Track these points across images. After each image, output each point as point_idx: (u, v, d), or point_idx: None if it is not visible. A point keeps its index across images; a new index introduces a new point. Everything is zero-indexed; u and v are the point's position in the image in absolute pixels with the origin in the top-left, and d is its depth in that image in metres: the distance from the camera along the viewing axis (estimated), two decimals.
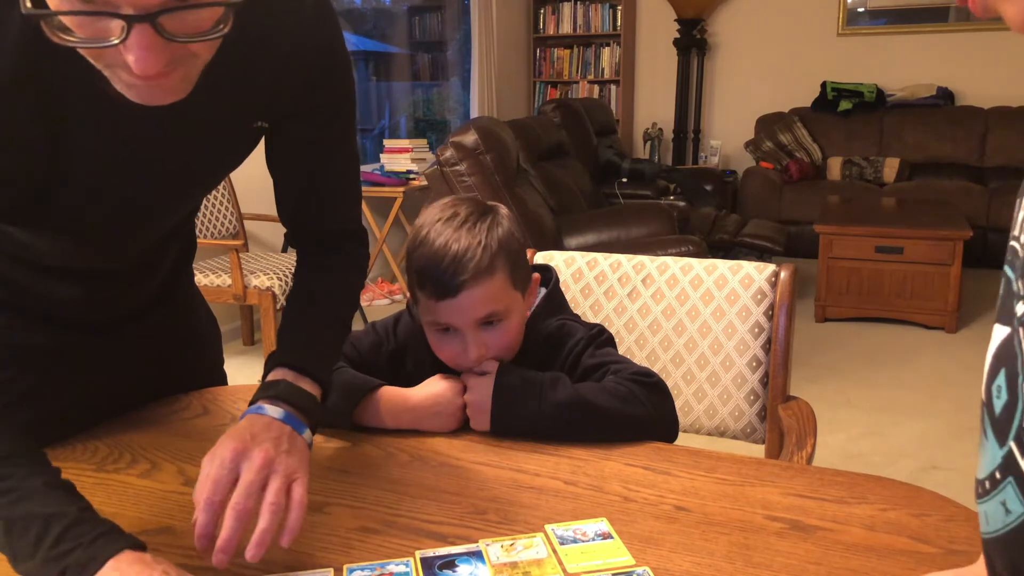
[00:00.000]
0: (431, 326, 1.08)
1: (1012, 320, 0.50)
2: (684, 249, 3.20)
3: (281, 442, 0.81)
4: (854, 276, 4.17)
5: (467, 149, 3.25)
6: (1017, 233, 0.51)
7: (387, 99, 6.16)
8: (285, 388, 0.87)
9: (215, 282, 3.35)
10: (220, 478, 0.76)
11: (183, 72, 0.69)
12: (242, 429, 0.81)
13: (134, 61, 0.62)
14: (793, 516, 0.85)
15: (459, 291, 1.01)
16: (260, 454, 0.78)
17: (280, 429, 0.82)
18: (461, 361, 1.07)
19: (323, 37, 0.92)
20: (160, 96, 0.69)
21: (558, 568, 0.77)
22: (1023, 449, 0.48)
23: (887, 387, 3.38)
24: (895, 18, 5.80)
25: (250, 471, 0.77)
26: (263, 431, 0.81)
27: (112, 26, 0.61)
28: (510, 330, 1.07)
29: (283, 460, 0.79)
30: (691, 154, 6.33)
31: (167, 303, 1.15)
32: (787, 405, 1.32)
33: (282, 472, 0.78)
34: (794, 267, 1.37)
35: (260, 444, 0.79)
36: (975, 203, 5.07)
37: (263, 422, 0.82)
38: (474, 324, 1.04)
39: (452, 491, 0.92)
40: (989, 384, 0.52)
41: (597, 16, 6.35)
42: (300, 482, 0.79)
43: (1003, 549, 0.52)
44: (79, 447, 1.04)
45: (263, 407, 0.85)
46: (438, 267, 1.02)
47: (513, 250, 1.06)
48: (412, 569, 0.77)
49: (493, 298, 1.03)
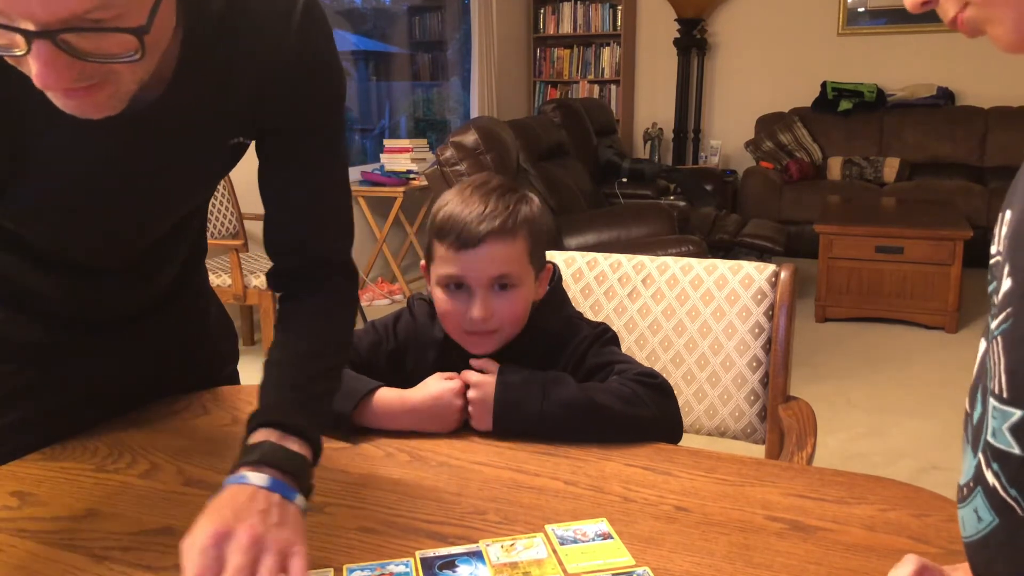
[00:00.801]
0: (443, 283, 1.08)
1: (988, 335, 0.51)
2: (684, 249, 3.20)
3: (270, 514, 0.73)
4: (854, 276, 4.17)
5: (467, 149, 3.25)
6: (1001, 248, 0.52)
7: (387, 99, 6.16)
8: (269, 451, 0.79)
9: (215, 282, 3.35)
10: (204, 569, 0.67)
11: (112, 89, 0.69)
12: (222, 505, 0.73)
13: (35, 75, 0.63)
14: (793, 516, 0.85)
15: (481, 242, 1.04)
16: (246, 532, 0.70)
17: (267, 499, 0.74)
18: (464, 323, 1.07)
19: (308, 54, 0.89)
20: (88, 111, 0.69)
21: (558, 568, 0.77)
22: (988, 461, 0.49)
23: (887, 387, 3.38)
24: (895, 18, 5.80)
25: (238, 553, 0.69)
26: (247, 504, 0.73)
27: (17, 39, 0.62)
28: (518, 301, 1.08)
29: (274, 534, 0.71)
30: (691, 154, 6.33)
31: (173, 304, 1.14)
32: (787, 405, 1.32)
33: (274, 548, 0.70)
34: (794, 267, 1.37)
35: (245, 521, 0.71)
36: (975, 203, 5.07)
37: (247, 493, 0.74)
38: (487, 282, 1.06)
39: (452, 491, 0.92)
40: (972, 395, 0.53)
41: (597, 16, 6.35)
42: (299, 555, 0.71)
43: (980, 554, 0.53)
44: (79, 447, 1.04)
45: (245, 476, 0.76)
46: (464, 217, 1.05)
47: (537, 229, 1.09)
48: (412, 569, 0.77)
49: (511, 259, 1.06)
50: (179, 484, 0.95)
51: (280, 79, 0.88)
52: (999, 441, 0.48)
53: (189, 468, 0.99)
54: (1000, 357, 0.48)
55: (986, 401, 0.50)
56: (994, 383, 0.48)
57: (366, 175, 4.74)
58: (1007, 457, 0.47)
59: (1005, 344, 0.47)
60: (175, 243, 1.09)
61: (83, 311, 1.05)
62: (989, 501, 0.50)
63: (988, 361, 0.50)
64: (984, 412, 0.50)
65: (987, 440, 0.49)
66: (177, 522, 0.86)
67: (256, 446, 0.79)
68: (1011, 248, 0.49)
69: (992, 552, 0.51)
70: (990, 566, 0.52)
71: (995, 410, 0.48)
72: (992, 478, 0.49)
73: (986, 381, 0.50)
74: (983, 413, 0.50)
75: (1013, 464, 0.47)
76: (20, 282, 0.99)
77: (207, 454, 1.03)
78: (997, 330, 0.49)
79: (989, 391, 0.49)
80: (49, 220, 0.90)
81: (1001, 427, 0.47)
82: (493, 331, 1.08)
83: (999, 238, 0.53)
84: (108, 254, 1.00)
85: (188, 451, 1.03)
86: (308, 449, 0.83)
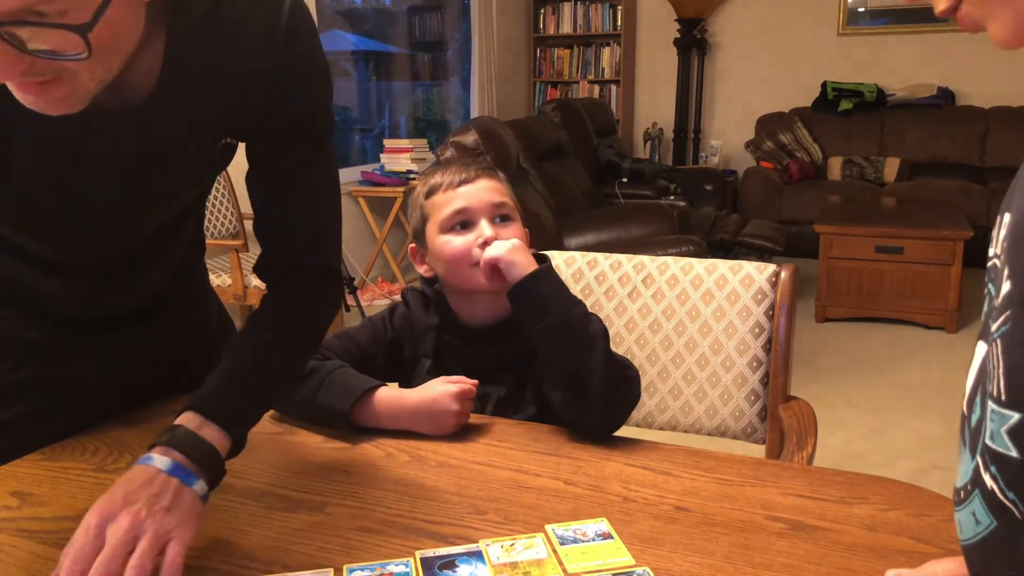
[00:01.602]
0: (447, 226, 1.14)
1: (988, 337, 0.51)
2: (684, 249, 3.20)
3: (160, 498, 0.74)
4: (854, 276, 4.17)
5: (467, 149, 3.26)
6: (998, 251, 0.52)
7: (387, 99, 6.15)
8: (181, 436, 0.80)
9: (215, 282, 3.35)
10: (83, 546, 0.70)
11: (68, 88, 0.69)
12: (119, 485, 0.75)
13: None
14: (793, 516, 0.85)
15: (476, 178, 1.15)
16: (127, 517, 0.72)
17: (164, 483, 0.76)
18: (475, 249, 1.11)
19: (293, 59, 0.89)
20: (44, 107, 0.69)
21: (558, 568, 0.77)
22: (986, 464, 0.49)
23: (887, 387, 3.38)
24: (895, 18, 5.80)
25: (115, 535, 0.71)
26: (142, 487, 0.75)
27: None
28: (519, 230, 1.15)
29: (157, 519, 0.73)
30: (691, 154, 6.33)
31: (171, 304, 1.14)
32: (787, 405, 1.32)
33: (152, 532, 0.72)
34: (794, 267, 1.37)
35: (130, 505, 0.73)
36: (975, 203, 5.07)
37: (147, 475, 0.76)
38: (489, 211, 1.13)
39: (452, 491, 0.92)
40: (970, 398, 0.53)
41: (597, 16, 6.35)
42: (177, 541, 0.73)
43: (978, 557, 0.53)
44: (79, 447, 1.04)
45: (151, 457, 0.78)
46: (460, 165, 1.17)
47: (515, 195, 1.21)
48: (412, 569, 0.77)
49: (504, 192, 1.17)
50: None
51: (265, 83, 0.88)
52: (997, 444, 0.48)
53: None
54: (999, 360, 0.48)
55: (985, 404, 0.50)
56: (993, 386, 0.48)
57: (366, 175, 4.74)
58: (1005, 460, 0.47)
59: (1005, 347, 0.47)
60: (170, 242, 1.09)
61: (79, 310, 1.05)
62: (987, 504, 0.50)
63: (987, 364, 0.50)
64: (983, 415, 0.50)
65: (985, 443, 0.49)
66: None
67: (171, 428, 0.82)
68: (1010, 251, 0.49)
69: (990, 555, 0.51)
70: (988, 569, 0.52)
71: (993, 413, 0.48)
72: (990, 481, 0.49)
73: (985, 384, 0.50)
74: (982, 416, 0.50)
75: (1011, 467, 0.47)
76: (15, 279, 0.99)
77: None
78: (996, 332, 0.48)
79: (988, 394, 0.49)
80: (36, 218, 0.90)
81: (999, 430, 0.47)
82: None
83: (997, 241, 0.53)
84: (98, 252, 1.00)
85: None
86: (225, 439, 0.84)
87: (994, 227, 0.55)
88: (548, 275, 1.09)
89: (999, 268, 0.51)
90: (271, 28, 0.87)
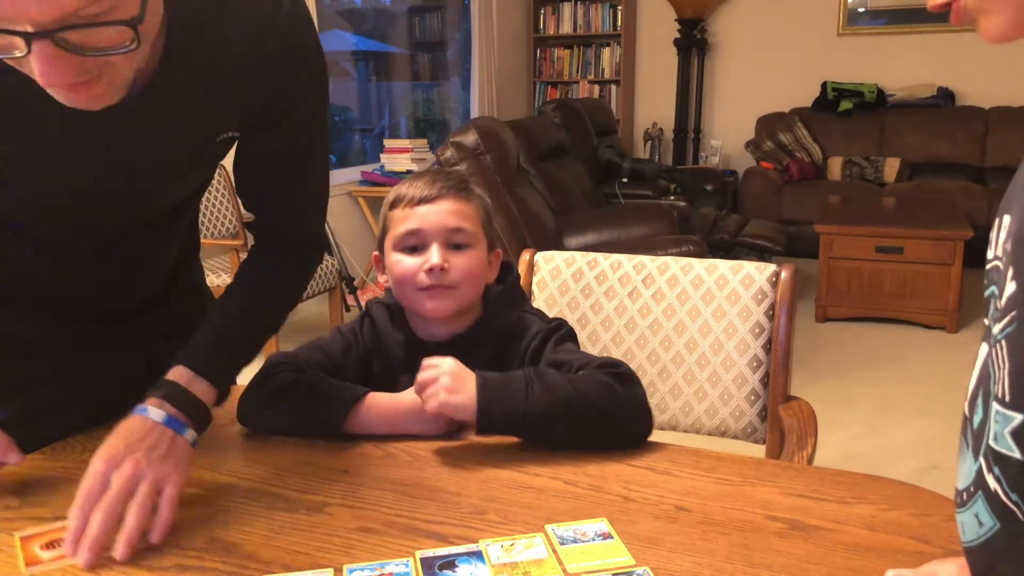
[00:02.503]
0: (399, 245, 1.10)
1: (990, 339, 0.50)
2: (684, 249, 3.20)
3: (157, 447, 0.84)
4: (854, 276, 4.17)
5: (467, 149, 3.25)
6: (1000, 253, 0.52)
7: (387, 99, 6.15)
8: (173, 391, 0.91)
9: (215, 282, 3.35)
10: (91, 489, 0.80)
11: (108, 80, 0.71)
12: (120, 435, 0.85)
13: (38, 74, 0.66)
14: (793, 516, 0.85)
15: (439, 198, 1.09)
16: (130, 465, 0.81)
17: (160, 433, 0.86)
18: (420, 274, 1.07)
19: (293, 48, 0.91)
20: (89, 103, 0.72)
21: (558, 568, 0.77)
22: (989, 466, 0.49)
23: (887, 387, 3.38)
24: (895, 18, 5.80)
25: (119, 480, 0.80)
26: (140, 438, 0.84)
27: (16, 41, 0.64)
28: (473, 259, 1.10)
29: (155, 467, 0.83)
30: (691, 154, 6.33)
31: (171, 299, 1.15)
32: (788, 405, 1.32)
33: (151, 478, 0.82)
34: (795, 267, 1.37)
35: (132, 454, 0.82)
36: (975, 203, 5.07)
37: (144, 426, 0.86)
38: (444, 236, 1.08)
39: (452, 491, 0.92)
40: (972, 400, 0.53)
41: (597, 16, 6.35)
42: (172, 483, 0.83)
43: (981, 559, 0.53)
44: (79, 447, 1.04)
45: (147, 409, 0.88)
46: (422, 180, 1.11)
47: (487, 209, 1.15)
48: (412, 569, 0.77)
49: (466, 216, 1.10)
50: None
51: (264, 72, 0.89)
52: (1000, 445, 0.48)
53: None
54: (1004, 361, 0.48)
55: (988, 406, 0.50)
56: (997, 387, 0.48)
57: (366, 175, 4.74)
58: (1008, 462, 0.47)
59: (1010, 348, 0.47)
60: (167, 236, 1.09)
61: (78, 305, 1.05)
62: (990, 506, 0.50)
63: (991, 365, 0.50)
64: (985, 416, 0.50)
65: (988, 444, 0.49)
66: (176, 522, 0.86)
67: (166, 383, 0.92)
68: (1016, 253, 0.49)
69: (994, 557, 0.51)
70: (992, 571, 0.52)
71: (997, 414, 0.48)
72: (993, 483, 0.49)
73: (988, 385, 0.50)
74: (984, 417, 0.50)
75: (1014, 469, 0.47)
76: (12, 275, 0.99)
77: (206, 454, 1.02)
78: (1001, 334, 0.48)
79: (992, 395, 0.49)
80: (36, 211, 0.90)
81: (1003, 431, 0.47)
82: (450, 287, 1.08)
83: (997, 243, 0.53)
84: (98, 246, 1.00)
85: None
86: (212, 392, 0.95)
87: (992, 229, 0.55)
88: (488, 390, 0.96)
89: (1002, 270, 0.51)
90: (272, 17, 0.88)
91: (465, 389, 0.97)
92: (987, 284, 0.54)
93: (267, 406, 1.06)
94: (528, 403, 0.97)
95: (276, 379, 1.06)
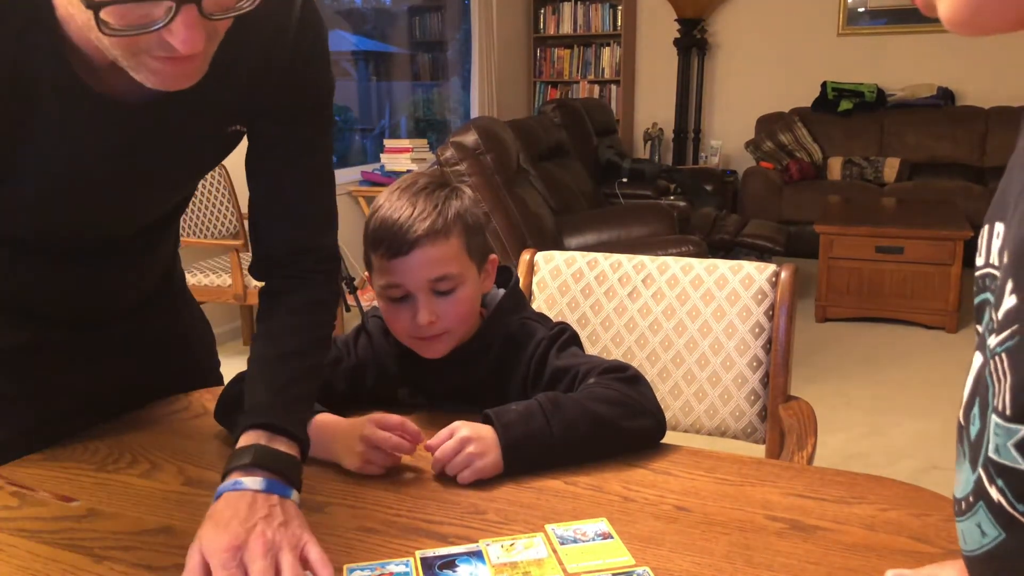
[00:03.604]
0: (384, 294, 1.06)
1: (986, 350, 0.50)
2: (684, 249, 3.20)
3: (273, 516, 0.76)
4: (854, 276, 4.17)
5: (467, 149, 3.25)
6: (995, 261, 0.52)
7: (387, 99, 6.15)
8: (259, 453, 0.82)
9: (215, 282, 3.35)
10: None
11: (207, 53, 0.71)
12: (227, 516, 0.75)
13: (181, 41, 0.65)
14: (793, 516, 0.85)
15: (412, 248, 1.01)
16: (258, 541, 0.73)
17: (266, 502, 0.78)
18: (412, 330, 1.05)
19: (306, 45, 0.91)
20: (184, 79, 0.72)
21: (558, 568, 0.77)
22: (989, 477, 0.49)
23: (887, 387, 3.38)
24: (895, 18, 5.79)
25: (255, 560, 0.72)
26: (250, 512, 0.76)
27: (155, 11, 0.64)
28: (463, 300, 1.05)
29: (284, 535, 0.75)
30: (691, 154, 6.33)
31: (157, 302, 1.14)
32: (787, 405, 1.32)
33: (288, 546, 0.74)
34: (794, 267, 1.37)
35: (253, 530, 0.74)
36: (975, 203, 5.06)
37: (246, 500, 0.77)
38: (427, 287, 1.03)
39: (452, 491, 0.92)
40: (967, 409, 0.53)
41: (597, 16, 6.34)
42: (311, 545, 0.75)
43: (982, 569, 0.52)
44: (79, 447, 1.04)
45: (240, 481, 0.79)
46: (392, 226, 1.01)
47: (470, 222, 1.06)
48: (412, 569, 0.77)
49: (447, 260, 1.03)
50: (179, 484, 0.95)
51: (277, 68, 0.89)
52: (1003, 457, 0.47)
53: (189, 468, 0.99)
54: (1005, 374, 0.47)
55: (985, 417, 0.49)
56: (998, 400, 0.48)
57: (366, 175, 4.74)
58: (1013, 473, 0.47)
59: (1012, 362, 0.47)
60: (158, 239, 1.09)
61: (65, 311, 1.04)
62: (994, 517, 0.49)
63: (989, 377, 0.49)
64: (983, 427, 0.50)
65: (989, 456, 0.49)
66: (177, 522, 0.86)
67: (246, 449, 0.83)
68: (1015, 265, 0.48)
69: (998, 566, 0.51)
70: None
71: (998, 427, 0.48)
72: (997, 494, 0.48)
73: (986, 396, 0.50)
74: (982, 428, 0.50)
75: (1020, 480, 0.47)
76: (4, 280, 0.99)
77: (207, 454, 1.03)
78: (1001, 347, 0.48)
79: (991, 408, 0.49)
80: (48, 214, 0.90)
81: (1006, 444, 0.47)
82: (442, 333, 1.06)
83: (990, 251, 0.52)
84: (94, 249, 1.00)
85: (188, 451, 1.03)
86: (295, 448, 0.87)
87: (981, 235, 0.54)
88: (511, 432, 0.94)
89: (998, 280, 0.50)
90: (286, 14, 0.89)
91: (490, 449, 0.94)
92: (978, 291, 0.54)
93: (223, 410, 1.05)
94: (552, 442, 0.95)
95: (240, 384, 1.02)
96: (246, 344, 3.96)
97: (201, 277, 3.37)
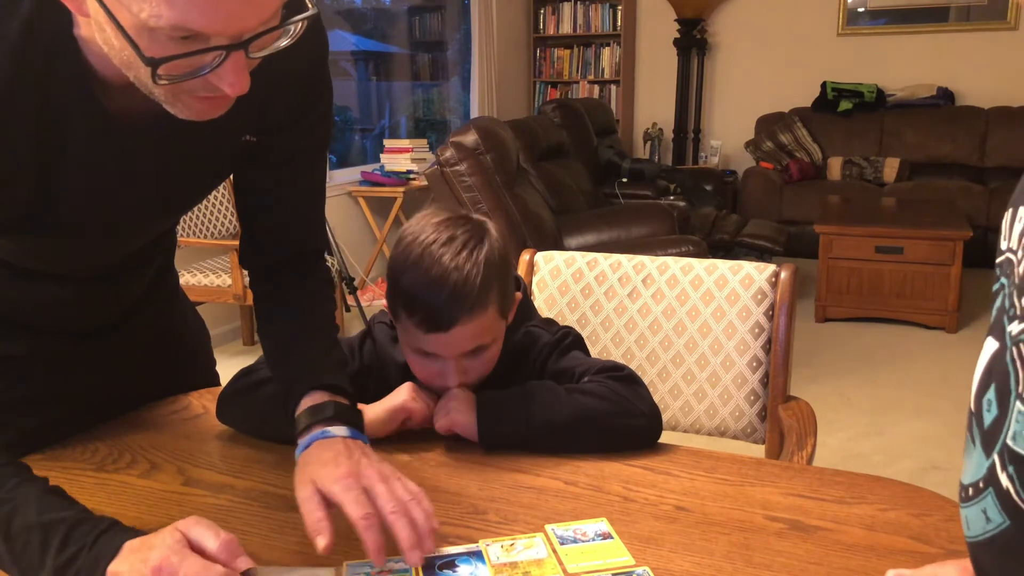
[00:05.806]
0: (412, 349, 1.04)
1: (1004, 336, 0.50)
2: (684, 249, 3.20)
3: (370, 456, 0.84)
4: (854, 276, 4.17)
5: (467, 149, 3.25)
6: (1014, 246, 0.51)
7: (387, 99, 6.15)
8: (338, 408, 0.89)
9: (215, 282, 3.35)
10: (360, 498, 0.77)
11: None
12: (329, 456, 0.82)
13: (229, 84, 0.67)
14: (793, 516, 0.85)
15: (452, 326, 0.98)
16: (370, 470, 0.80)
17: (355, 445, 0.85)
18: (437, 383, 1.05)
19: (316, 54, 0.93)
20: (217, 112, 0.73)
21: (558, 568, 0.77)
22: (1003, 463, 0.49)
23: (887, 387, 3.38)
24: (895, 18, 5.80)
25: (377, 484, 0.79)
26: (349, 452, 0.83)
27: (205, 57, 0.65)
28: (491, 358, 1.06)
29: (383, 467, 0.82)
30: (691, 154, 6.33)
31: (151, 305, 1.15)
32: (787, 405, 1.32)
33: (392, 475, 0.81)
34: (794, 267, 1.37)
35: (360, 462, 0.81)
36: (975, 203, 5.07)
37: (341, 444, 0.84)
38: (460, 355, 1.02)
39: (452, 491, 0.92)
40: (979, 396, 0.52)
41: (597, 16, 6.35)
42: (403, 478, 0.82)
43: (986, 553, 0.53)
44: (79, 447, 1.04)
45: (328, 431, 0.86)
46: (433, 299, 0.97)
47: (503, 277, 1.03)
48: (412, 569, 0.77)
49: (483, 332, 1.01)
50: (179, 484, 0.95)
51: (289, 82, 0.90)
52: (1019, 445, 0.47)
53: (189, 468, 0.99)
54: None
55: (1005, 403, 0.49)
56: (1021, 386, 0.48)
57: (366, 175, 4.74)
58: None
59: None
60: (156, 249, 1.10)
61: (65, 319, 1.04)
62: (1001, 503, 0.49)
63: (1011, 364, 0.49)
64: (1002, 414, 0.50)
65: (1006, 443, 0.49)
66: None
67: (321, 406, 0.89)
68: None
69: (998, 552, 0.51)
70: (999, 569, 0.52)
71: (1020, 414, 0.48)
72: (1006, 481, 0.48)
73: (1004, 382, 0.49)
74: (1000, 415, 0.50)
75: None
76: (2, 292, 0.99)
77: (207, 454, 1.03)
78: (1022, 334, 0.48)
79: (1014, 394, 0.48)
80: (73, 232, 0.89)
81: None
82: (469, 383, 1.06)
83: (1011, 235, 0.52)
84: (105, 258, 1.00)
85: (188, 451, 1.03)
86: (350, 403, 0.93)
87: (1003, 220, 0.54)
88: (488, 409, 1.01)
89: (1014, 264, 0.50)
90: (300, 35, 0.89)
91: (470, 410, 1.01)
92: (998, 275, 0.53)
93: (234, 403, 1.06)
94: (529, 418, 1.00)
95: (251, 376, 1.06)
96: (246, 344, 3.96)
97: (201, 277, 3.37)
